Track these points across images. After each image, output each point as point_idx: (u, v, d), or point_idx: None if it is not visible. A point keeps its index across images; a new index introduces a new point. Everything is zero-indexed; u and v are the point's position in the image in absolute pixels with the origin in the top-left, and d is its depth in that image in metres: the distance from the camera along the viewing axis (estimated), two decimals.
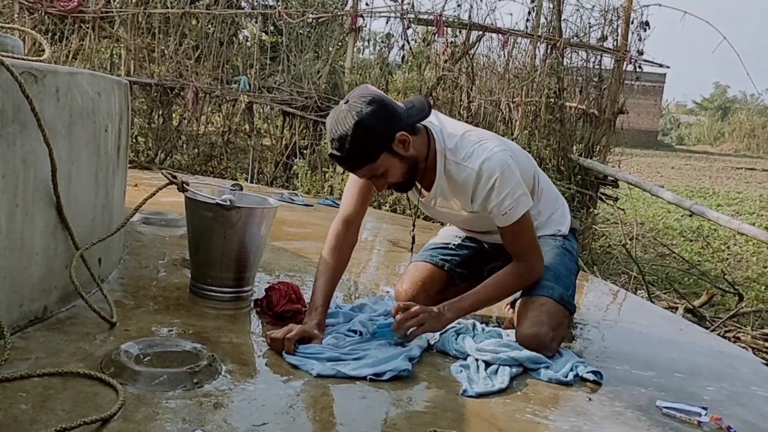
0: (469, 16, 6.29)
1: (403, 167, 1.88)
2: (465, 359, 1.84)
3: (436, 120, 1.98)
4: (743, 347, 3.57)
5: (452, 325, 1.98)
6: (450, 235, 2.38)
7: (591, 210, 6.51)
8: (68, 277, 1.79)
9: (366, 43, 7.32)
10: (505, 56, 6.62)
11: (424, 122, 1.94)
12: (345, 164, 1.85)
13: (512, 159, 1.91)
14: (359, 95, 1.79)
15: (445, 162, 1.94)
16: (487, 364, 1.80)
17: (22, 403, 1.33)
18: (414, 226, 2.32)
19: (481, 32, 6.43)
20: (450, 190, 1.98)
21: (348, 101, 1.78)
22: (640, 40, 6.66)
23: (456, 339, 1.93)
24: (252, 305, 2.14)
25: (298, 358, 1.72)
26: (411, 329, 1.86)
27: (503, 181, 1.87)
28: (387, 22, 6.47)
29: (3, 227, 1.57)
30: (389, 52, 6.71)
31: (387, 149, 1.82)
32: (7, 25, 2.87)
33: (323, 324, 1.92)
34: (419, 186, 2.06)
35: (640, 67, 6.79)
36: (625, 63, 6.60)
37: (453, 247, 2.32)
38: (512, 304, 2.17)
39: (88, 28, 6.76)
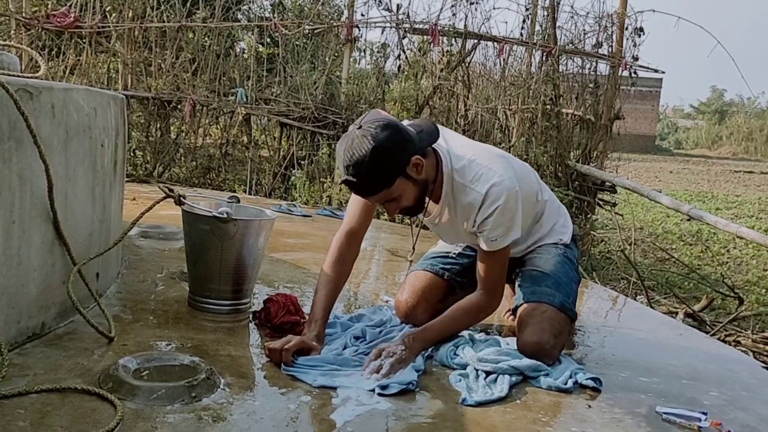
0: (465, 25, 6.32)
1: (416, 191, 1.89)
2: (464, 368, 1.84)
3: (442, 140, 1.98)
4: (743, 351, 3.57)
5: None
6: (449, 245, 2.38)
7: (589, 216, 6.51)
8: (66, 293, 1.79)
9: (362, 54, 7.36)
10: (500, 64, 6.64)
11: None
12: (360, 190, 1.83)
13: (518, 187, 1.92)
14: (372, 120, 1.78)
15: (453, 183, 1.95)
16: (487, 372, 1.80)
17: (21, 420, 1.33)
18: (417, 236, 2.32)
19: (476, 41, 6.45)
20: (455, 210, 2.00)
21: (361, 126, 1.77)
22: (634, 45, 6.69)
23: (455, 351, 1.92)
24: (250, 317, 2.14)
25: (297, 370, 1.72)
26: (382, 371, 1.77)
27: (504, 210, 1.89)
28: (382, 32, 6.51)
29: (0, 244, 1.57)
30: (385, 61, 6.75)
31: (402, 173, 1.82)
32: (3, 43, 2.88)
33: (322, 336, 1.92)
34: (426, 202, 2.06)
35: (635, 73, 6.81)
36: (620, 69, 6.62)
37: (453, 256, 2.32)
38: (513, 311, 2.17)
39: (84, 43, 6.78)
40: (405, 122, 1.93)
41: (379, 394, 1.64)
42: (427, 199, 2.01)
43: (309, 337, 1.86)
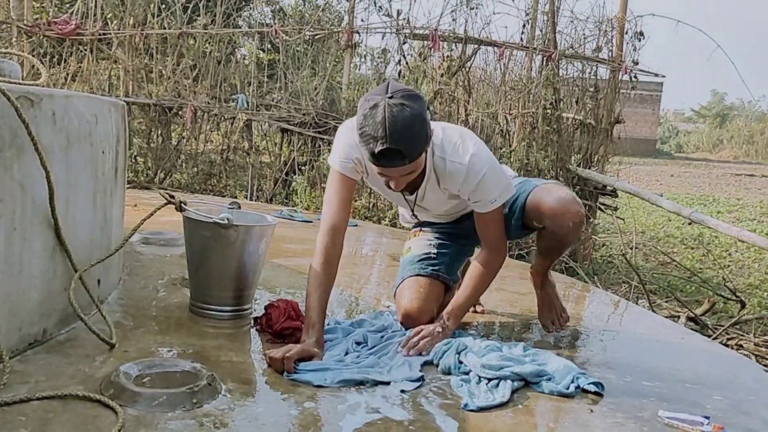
0: (465, 30, 6.33)
1: (424, 163, 1.98)
2: (467, 374, 1.83)
3: None
4: (746, 355, 3.56)
5: (450, 344, 1.97)
6: (423, 244, 2.39)
7: (591, 220, 6.50)
8: (67, 300, 1.79)
9: (362, 59, 7.35)
10: (501, 69, 6.65)
11: None
12: (399, 157, 1.81)
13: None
14: (401, 89, 1.81)
15: (433, 159, 2.04)
16: (489, 378, 1.80)
17: (22, 428, 1.33)
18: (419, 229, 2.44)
19: (476, 45, 6.46)
20: (439, 182, 2.08)
21: (392, 96, 1.78)
22: (635, 50, 6.69)
23: (458, 358, 1.91)
24: (252, 323, 2.14)
25: (302, 375, 1.72)
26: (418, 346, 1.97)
27: (492, 173, 2.02)
28: (383, 38, 6.52)
29: (1, 251, 1.57)
30: (386, 67, 6.75)
31: (427, 146, 1.90)
32: (4, 50, 2.89)
33: (322, 340, 1.92)
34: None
35: (635, 77, 6.80)
36: (620, 73, 6.63)
37: (434, 255, 2.34)
38: None
39: (86, 50, 6.80)
40: None
41: (377, 382, 1.73)
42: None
43: (309, 343, 1.85)
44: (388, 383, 1.72)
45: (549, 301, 2.34)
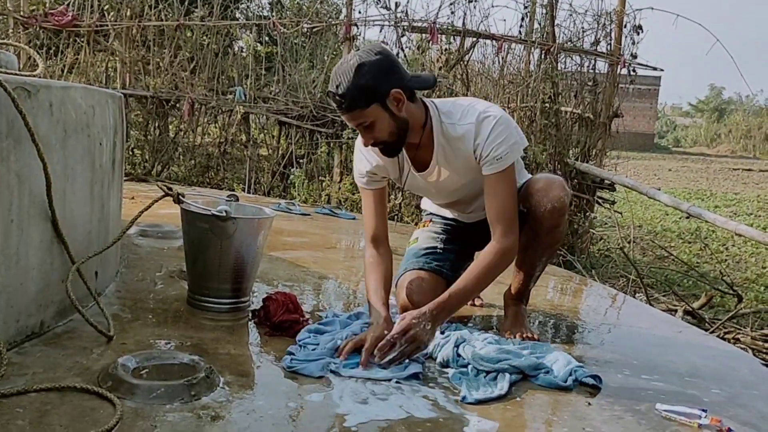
0: (463, 23, 6.31)
1: (392, 125, 1.92)
2: (465, 366, 1.83)
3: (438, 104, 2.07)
4: (743, 348, 3.57)
5: (448, 338, 1.97)
6: (430, 237, 2.37)
7: (588, 214, 6.51)
8: (65, 292, 1.79)
9: None
10: (499, 62, 6.64)
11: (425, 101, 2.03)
12: (338, 104, 1.88)
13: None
14: (370, 47, 1.90)
15: (442, 127, 2.01)
16: (487, 371, 1.80)
17: (20, 419, 1.33)
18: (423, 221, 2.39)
19: (475, 39, 6.44)
20: (451, 151, 2.03)
21: (359, 49, 1.89)
22: (633, 43, 6.68)
23: (456, 351, 1.91)
24: (250, 316, 2.14)
25: (302, 366, 1.72)
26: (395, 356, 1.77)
27: (502, 125, 1.95)
28: (381, 31, 6.49)
29: None
30: None
31: (380, 101, 1.87)
32: (1, 41, 2.88)
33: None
34: (412, 163, 2.10)
35: (634, 71, 6.80)
36: (619, 67, 6.62)
37: (440, 250, 2.32)
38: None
39: (83, 41, 6.77)
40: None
41: (397, 382, 1.70)
42: (409, 163, 2.08)
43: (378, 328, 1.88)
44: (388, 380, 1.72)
45: (515, 318, 2.22)
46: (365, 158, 2.13)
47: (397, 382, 1.70)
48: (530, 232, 2.08)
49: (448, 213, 2.40)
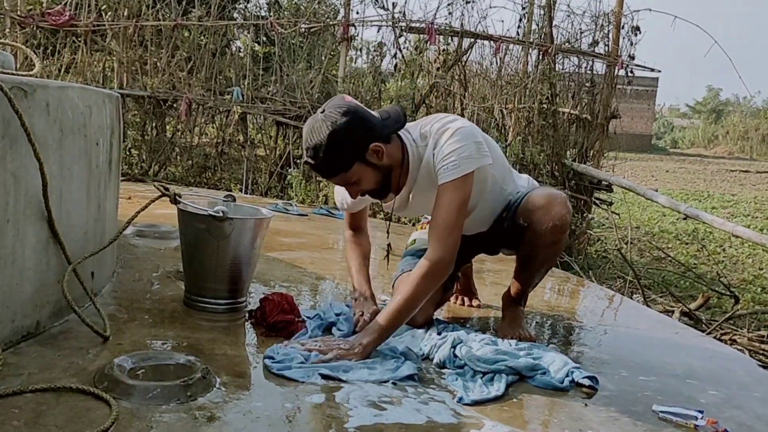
0: (461, 24, 6.32)
1: (377, 176, 1.93)
2: (462, 367, 1.83)
3: (406, 130, 2.00)
4: (739, 350, 3.57)
5: (445, 338, 1.96)
6: (427, 238, 2.35)
7: (586, 215, 6.51)
8: (61, 292, 1.78)
9: (358, 52, 7.34)
10: (497, 63, 6.64)
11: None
12: (319, 172, 1.91)
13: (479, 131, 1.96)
14: (335, 105, 1.84)
15: (417, 152, 1.98)
16: (484, 372, 1.80)
17: (15, 420, 1.32)
18: (388, 233, 2.35)
19: (472, 39, 6.44)
20: (426, 173, 1.98)
21: (324, 111, 1.84)
22: (631, 44, 6.68)
23: (453, 351, 1.91)
24: (246, 316, 2.14)
25: (289, 372, 1.71)
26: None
27: (458, 136, 1.89)
28: (378, 31, 6.49)
29: None
30: (381, 60, 6.73)
31: (360, 159, 1.86)
32: None
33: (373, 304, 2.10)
34: (395, 192, 2.07)
35: (631, 72, 6.80)
36: (616, 68, 6.63)
37: None
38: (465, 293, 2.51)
39: (80, 41, 6.76)
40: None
41: (393, 383, 1.69)
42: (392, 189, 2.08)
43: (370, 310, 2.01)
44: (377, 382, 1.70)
45: (513, 319, 2.22)
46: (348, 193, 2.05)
47: (393, 383, 1.70)
48: (530, 247, 2.08)
49: None
